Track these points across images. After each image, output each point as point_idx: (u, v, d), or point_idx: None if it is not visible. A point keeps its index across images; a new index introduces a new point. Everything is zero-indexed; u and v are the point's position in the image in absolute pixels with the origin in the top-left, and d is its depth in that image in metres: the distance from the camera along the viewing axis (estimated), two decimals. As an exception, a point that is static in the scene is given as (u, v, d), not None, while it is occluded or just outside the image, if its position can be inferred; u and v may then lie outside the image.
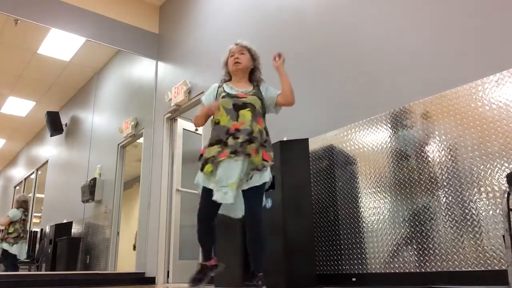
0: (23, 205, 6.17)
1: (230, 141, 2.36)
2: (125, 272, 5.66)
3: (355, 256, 2.83)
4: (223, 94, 2.53)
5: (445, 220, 2.41)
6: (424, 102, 2.63)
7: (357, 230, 2.85)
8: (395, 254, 2.61)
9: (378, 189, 2.78)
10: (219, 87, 2.64)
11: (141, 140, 6.16)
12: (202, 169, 2.40)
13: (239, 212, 2.48)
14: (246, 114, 2.44)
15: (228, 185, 2.28)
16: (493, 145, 2.28)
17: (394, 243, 2.63)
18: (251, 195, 2.35)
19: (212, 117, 2.56)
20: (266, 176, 2.37)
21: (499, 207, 2.18)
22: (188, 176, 5.30)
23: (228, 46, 2.66)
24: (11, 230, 5.94)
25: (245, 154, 2.34)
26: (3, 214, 6.47)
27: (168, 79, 5.75)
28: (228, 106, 2.45)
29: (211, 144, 2.42)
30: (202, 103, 2.61)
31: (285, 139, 3.15)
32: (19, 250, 5.93)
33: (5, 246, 5.86)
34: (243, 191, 2.37)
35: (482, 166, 2.30)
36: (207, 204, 2.38)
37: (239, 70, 2.60)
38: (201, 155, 2.45)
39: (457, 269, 2.30)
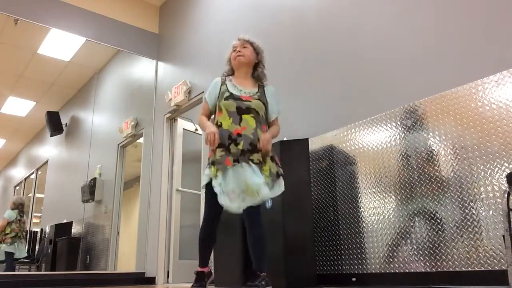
0: (19, 207, 6.25)
1: (232, 147, 2.27)
2: (125, 272, 5.66)
3: (355, 256, 2.82)
4: (227, 94, 2.39)
5: (445, 220, 2.41)
6: (424, 102, 2.63)
7: (357, 230, 2.85)
8: (395, 254, 2.61)
9: (378, 189, 2.78)
10: (222, 84, 2.48)
11: (141, 140, 6.16)
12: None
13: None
14: (249, 120, 2.33)
15: (237, 193, 2.19)
16: (493, 145, 2.28)
17: (394, 243, 2.63)
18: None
19: (213, 116, 2.47)
20: (281, 186, 2.34)
21: (499, 207, 2.18)
22: (188, 176, 5.30)
23: (231, 42, 2.58)
24: (7, 230, 6.02)
25: (249, 161, 2.24)
26: (2, 215, 6.48)
27: (168, 79, 5.75)
28: (231, 109, 2.33)
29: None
30: (206, 100, 2.50)
31: (285, 139, 3.14)
32: (17, 249, 6.01)
33: (3, 247, 5.94)
34: None
35: (482, 166, 2.30)
36: (211, 204, 2.29)
37: (242, 64, 2.48)
38: (209, 158, 2.37)
39: (457, 269, 2.30)
